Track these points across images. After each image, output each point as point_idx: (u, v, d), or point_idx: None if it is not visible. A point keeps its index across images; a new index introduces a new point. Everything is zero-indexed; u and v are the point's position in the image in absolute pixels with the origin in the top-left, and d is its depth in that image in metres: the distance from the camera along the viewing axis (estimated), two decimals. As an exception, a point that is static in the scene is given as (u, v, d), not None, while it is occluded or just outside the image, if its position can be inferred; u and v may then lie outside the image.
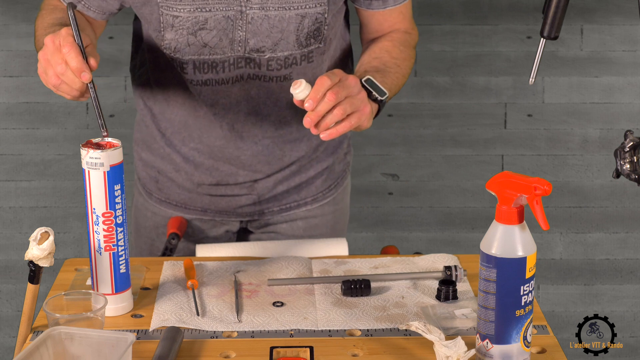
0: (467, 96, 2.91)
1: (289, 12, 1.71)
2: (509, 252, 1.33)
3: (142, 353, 1.43)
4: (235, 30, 1.72)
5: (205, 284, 1.65)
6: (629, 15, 2.86)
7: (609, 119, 2.92)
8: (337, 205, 2.04)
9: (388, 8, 1.83)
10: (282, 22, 1.72)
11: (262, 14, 1.70)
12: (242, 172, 1.91)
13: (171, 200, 1.98)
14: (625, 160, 1.41)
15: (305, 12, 1.72)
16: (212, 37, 1.72)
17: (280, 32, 1.72)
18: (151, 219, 2.00)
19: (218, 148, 1.88)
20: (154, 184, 1.98)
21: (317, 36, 1.76)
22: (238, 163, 1.90)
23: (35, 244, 1.49)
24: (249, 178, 1.92)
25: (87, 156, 1.49)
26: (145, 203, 2.01)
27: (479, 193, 2.97)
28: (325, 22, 1.75)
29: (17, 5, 2.82)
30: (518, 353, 1.36)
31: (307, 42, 1.75)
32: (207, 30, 1.71)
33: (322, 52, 1.80)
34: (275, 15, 1.71)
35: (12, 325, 3.01)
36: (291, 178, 1.95)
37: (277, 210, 1.98)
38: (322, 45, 1.78)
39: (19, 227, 2.96)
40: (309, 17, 1.72)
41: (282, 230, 2.00)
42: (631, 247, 3.00)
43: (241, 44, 1.73)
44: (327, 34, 1.78)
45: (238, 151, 1.88)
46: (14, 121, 2.90)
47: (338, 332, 1.50)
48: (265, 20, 1.71)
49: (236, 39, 1.73)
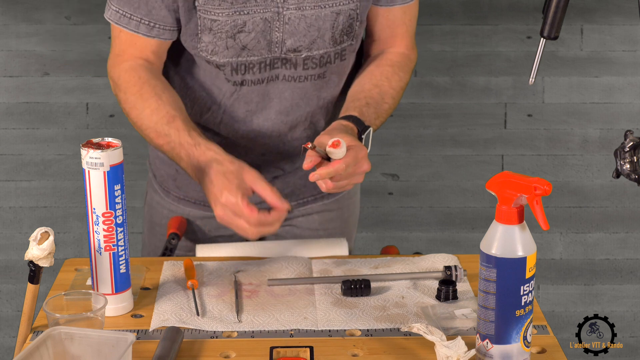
0: (467, 96, 2.91)
1: (324, 10, 1.74)
2: (509, 252, 1.33)
3: (142, 353, 1.43)
4: (273, 32, 1.74)
5: (205, 284, 1.65)
6: (629, 15, 2.86)
7: (609, 119, 2.93)
8: (351, 199, 2.06)
9: (396, 6, 1.85)
10: (318, 21, 1.74)
11: (299, 14, 1.73)
12: (263, 168, 1.91)
13: (190, 197, 1.98)
14: (625, 160, 1.41)
15: (339, 9, 1.75)
16: (251, 40, 1.73)
17: (317, 30, 1.75)
18: (167, 217, 2.01)
19: (242, 148, 1.88)
20: (172, 182, 1.98)
21: (349, 33, 1.79)
22: (262, 162, 1.90)
23: (35, 244, 1.49)
24: (270, 175, 1.92)
25: (87, 156, 1.49)
26: (162, 201, 2.01)
27: (479, 193, 2.97)
28: (358, 18, 1.78)
29: (17, 5, 2.82)
30: (518, 353, 1.36)
31: (340, 39, 1.78)
32: (245, 32, 1.73)
33: (353, 50, 1.84)
34: (311, 14, 1.73)
35: (12, 325, 3.01)
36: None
37: (295, 204, 1.99)
38: (354, 42, 1.82)
39: (19, 227, 2.96)
40: (343, 13, 1.75)
41: (299, 223, 2.01)
42: (631, 247, 3.00)
43: (278, 44, 1.75)
44: (358, 31, 1.81)
45: (263, 148, 1.89)
46: (14, 121, 2.90)
47: (338, 332, 1.50)
48: (302, 20, 1.73)
49: (274, 40, 1.74)
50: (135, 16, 1.74)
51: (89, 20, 2.85)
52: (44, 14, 2.83)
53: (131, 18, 1.75)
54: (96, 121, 2.90)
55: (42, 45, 2.85)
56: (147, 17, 1.74)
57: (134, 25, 1.75)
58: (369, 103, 1.78)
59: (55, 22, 2.84)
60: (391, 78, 1.84)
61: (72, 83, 2.88)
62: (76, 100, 2.89)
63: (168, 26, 1.76)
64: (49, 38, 2.84)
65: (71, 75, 2.87)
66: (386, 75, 1.85)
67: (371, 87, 1.82)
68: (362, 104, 1.78)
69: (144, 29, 1.75)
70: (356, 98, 1.80)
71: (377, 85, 1.82)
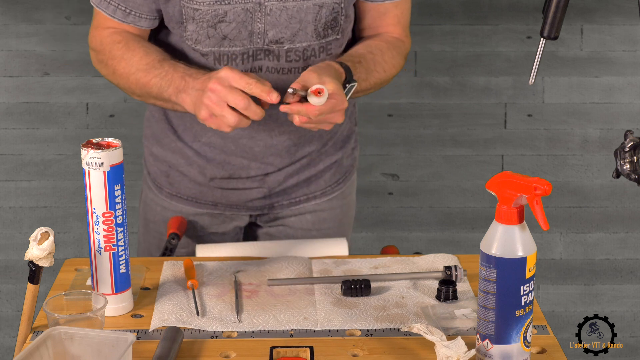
0: (467, 96, 2.91)
1: (307, 3, 1.74)
2: (509, 252, 1.33)
3: (142, 353, 1.43)
4: (254, 22, 1.75)
5: (205, 284, 1.65)
6: (629, 15, 2.86)
7: (609, 119, 2.92)
8: (345, 200, 2.06)
9: (387, 2, 1.85)
10: (300, 13, 1.75)
11: (281, 5, 1.74)
12: (254, 164, 1.92)
13: (182, 194, 1.98)
14: (625, 160, 1.41)
15: (322, 2, 1.75)
16: (232, 30, 1.75)
17: (299, 22, 1.76)
18: (161, 214, 2.01)
19: (231, 139, 1.89)
20: (164, 179, 1.99)
21: (334, 27, 1.79)
22: (251, 155, 1.90)
23: (35, 244, 1.49)
24: (261, 171, 1.93)
25: (87, 156, 1.49)
26: (155, 198, 2.02)
27: (479, 193, 2.97)
28: (342, 12, 1.79)
29: (17, 5, 2.82)
30: (518, 353, 1.36)
31: (324, 32, 1.79)
32: (226, 22, 1.74)
33: (339, 45, 1.84)
34: (293, 6, 1.74)
35: (12, 325, 3.01)
36: (301, 172, 1.96)
37: (287, 204, 1.99)
38: (340, 37, 1.82)
39: (19, 227, 2.96)
40: (326, 7, 1.76)
41: (291, 223, 2.01)
42: (631, 247, 3.00)
43: (260, 35, 1.76)
44: (343, 25, 1.81)
45: (251, 141, 1.89)
46: (14, 121, 2.90)
47: (338, 332, 1.50)
48: (283, 12, 1.74)
49: (255, 31, 1.76)
50: (113, 1, 1.79)
51: (89, 20, 2.81)
52: (44, 14, 2.83)
53: (109, 2, 1.80)
54: (96, 121, 2.89)
55: (42, 45, 2.85)
56: (123, 4, 1.79)
57: (111, 10, 1.81)
58: (361, 62, 1.81)
59: (55, 22, 2.84)
60: (385, 52, 1.86)
61: (72, 83, 2.88)
62: (76, 100, 2.89)
63: (144, 14, 1.80)
64: (49, 38, 2.84)
65: (71, 75, 2.87)
66: (380, 48, 1.86)
67: (365, 53, 1.83)
68: (355, 60, 1.80)
69: (120, 15, 1.80)
70: (350, 55, 1.82)
71: (371, 53, 1.84)
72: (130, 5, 1.79)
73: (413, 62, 2.87)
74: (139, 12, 1.80)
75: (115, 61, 1.80)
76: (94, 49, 1.85)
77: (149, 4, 1.78)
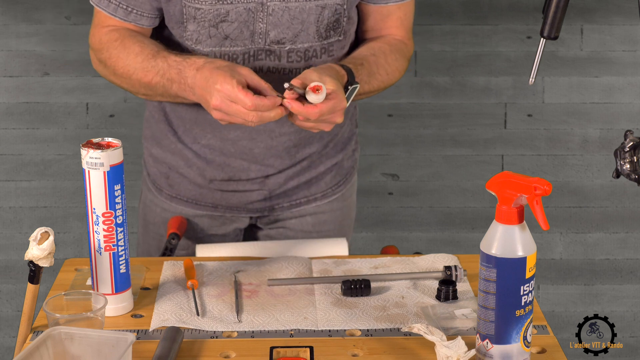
0: (467, 96, 2.91)
1: (309, 4, 1.74)
2: (509, 252, 1.33)
3: (142, 353, 1.43)
4: (256, 22, 1.75)
5: (205, 284, 1.65)
6: (629, 15, 2.86)
7: (609, 119, 2.93)
8: (345, 202, 2.05)
9: (390, 4, 1.84)
10: (302, 13, 1.75)
11: (283, 6, 1.74)
12: (254, 166, 1.91)
13: (182, 196, 1.98)
14: (625, 160, 1.41)
15: (325, 3, 1.75)
16: (234, 30, 1.75)
17: (301, 23, 1.76)
18: (160, 215, 2.01)
19: (231, 141, 1.88)
20: (164, 180, 1.99)
21: (336, 28, 1.79)
22: (251, 157, 1.90)
23: (35, 244, 1.49)
24: (261, 173, 1.92)
25: (87, 156, 1.49)
26: (155, 199, 2.01)
27: (479, 193, 2.97)
28: (345, 13, 1.79)
29: (17, 5, 2.82)
30: (518, 353, 1.36)
31: (327, 34, 1.79)
32: (228, 22, 1.74)
33: (342, 47, 1.84)
34: (295, 6, 1.74)
35: (12, 325, 3.01)
36: (302, 174, 1.96)
37: (287, 206, 1.99)
38: (342, 38, 1.82)
39: (19, 227, 2.96)
40: (328, 8, 1.76)
41: (292, 225, 2.01)
42: (631, 247, 3.00)
43: (262, 35, 1.76)
44: (346, 27, 1.81)
45: (252, 143, 1.89)
46: (14, 121, 2.90)
47: (338, 332, 1.50)
48: (285, 12, 1.74)
49: (257, 31, 1.75)
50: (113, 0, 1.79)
51: (89, 20, 2.82)
52: (44, 14, 2.83)
53: (110, 1, 1.79)
54: (96, 121, 2.90)
55: (42, 45, 2.85)
56: (124, 2, 1.79)
57: (112, 8, 1.80)
58: (363, 64, 1.80)
59: (55, 22, 2.84)
60: (388, 55, 1.86)
61: (72, 83, 2.88)
62: (76, 100, 2.89)
63: (146, 13, 1.80)
64: (49, 38, 2.84)
65: (71, 75, 2.87)
66: (383, 50, 1.86)
67: (368, 55, 1.83)
68: (357, 63, 1.80)
69: (121, 13, 1.80)
70: (352, 57, 1.82)
71: (374, 55, 1.84)
72: (132, 3, 1.78)
73: (413, 62, 2.87)
74: (140, 11, 1.80)
75: (112, 61, 1.80)
76: (93, 48, 1.85)
77: (151, 2, 1.78)
